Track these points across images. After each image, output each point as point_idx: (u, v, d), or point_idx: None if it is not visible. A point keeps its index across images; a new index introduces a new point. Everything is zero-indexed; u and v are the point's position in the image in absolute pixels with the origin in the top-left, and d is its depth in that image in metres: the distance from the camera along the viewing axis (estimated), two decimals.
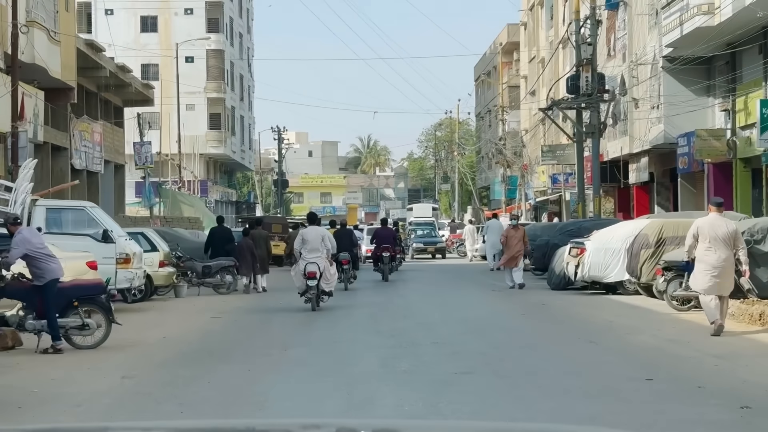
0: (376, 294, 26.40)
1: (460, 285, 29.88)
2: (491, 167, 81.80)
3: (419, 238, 50.31)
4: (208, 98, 74.65)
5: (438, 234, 52.41)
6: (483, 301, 23.58)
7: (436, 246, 49.53)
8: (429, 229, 52.51)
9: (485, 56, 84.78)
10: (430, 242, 49.77)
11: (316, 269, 20.11)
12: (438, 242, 50.20)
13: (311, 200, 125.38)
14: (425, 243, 49.53)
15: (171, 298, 25.43)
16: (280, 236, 44.18)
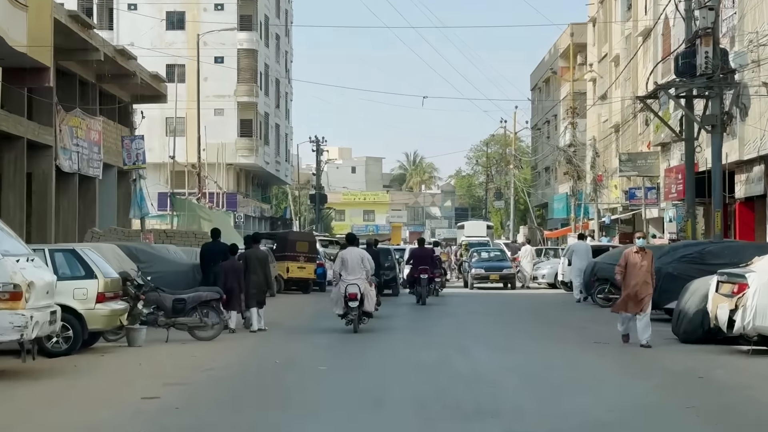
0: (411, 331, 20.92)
1: (535, 328, 21.27)
2: (549, 183, 72.94)
3: (480, 263, 39.54)
4: (239, 102, 66.52)
5: (507, 257, 40.98)
6: (588, 367, 14.81)
7: (503, 273, 38.74)
8: (493, 252, 41.70)
9: (543, 62, 76.02)
10: (495, 267, 38.95)
11: (357, 290, 19.59)
12: (505, 268, 39.15)
13: (353, 218, 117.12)
14: (487, 268, 38.93)
15: (123, 346, 16.96)
16: (307, 256, 35.71)
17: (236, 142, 66.36)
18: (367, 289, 19.90)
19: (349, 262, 19.88)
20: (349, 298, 19.54)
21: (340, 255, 20.62)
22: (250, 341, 18.47)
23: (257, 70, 67.33)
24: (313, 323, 22.75)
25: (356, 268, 19.81)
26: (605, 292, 27.91)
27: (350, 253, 20.25)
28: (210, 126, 65.10)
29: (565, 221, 67.90)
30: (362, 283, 19.73)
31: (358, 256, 20.09)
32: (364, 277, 19.87)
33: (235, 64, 66.35)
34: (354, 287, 19.53)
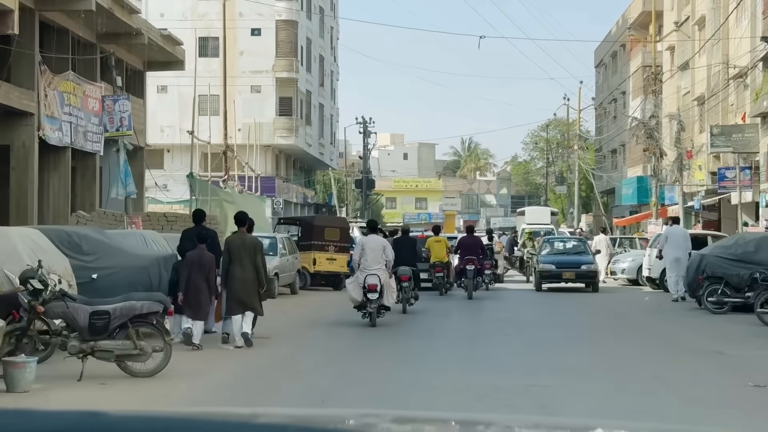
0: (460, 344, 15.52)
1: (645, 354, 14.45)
2: (616, 166, 65.69)
3: (552, 256, 30.12)
4: (277, 78, 60.08)
5: (588, 249, 30.80)
6: None
7: (582, 270, 29.29)
8: (570, 242, 31.94)
9: (609, 35, 68.71)
10: (571, 263, 29.51)
11: (377, 281, 17.94)
12: (585, 263, 29.59)
13: (405, 206, 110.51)
14: (561, 264, 29.50)
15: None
16: (338, 246, 29.19)
17: (274, 122, 59.95)
18: (387, 281, 18.30)
19: (369, 251, 18.30)
20: (369, 290, 17.98)
21: (359, 242, 19.42)
22: (220, 372, 11.98)
23: (297, 44, 60.84)
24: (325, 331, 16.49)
25: (377, 257, 18.20)
26: (718, 294, 21.10)
27: (371, 241, 18.76)
28: (246, 104, 58.96)
29: (634, 209, 60.74)
30: (383, 273, 18.15)
31: (379, 245, 18.49)
32: (384, 267, 18.24)
33: (273, 36, 59.92)
34: (374, 278, 17.97)
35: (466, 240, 27.72)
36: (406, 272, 21.37)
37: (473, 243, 27.43)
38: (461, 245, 27.41)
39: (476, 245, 27.35)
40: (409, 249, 22.76)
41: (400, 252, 21.17)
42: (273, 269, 25.19)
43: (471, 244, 27.33)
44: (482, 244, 28.18)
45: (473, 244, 27.32)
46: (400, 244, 22.11)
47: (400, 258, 20.94)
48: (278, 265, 25.44)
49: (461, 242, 27.75)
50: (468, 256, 26.60)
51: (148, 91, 61.91)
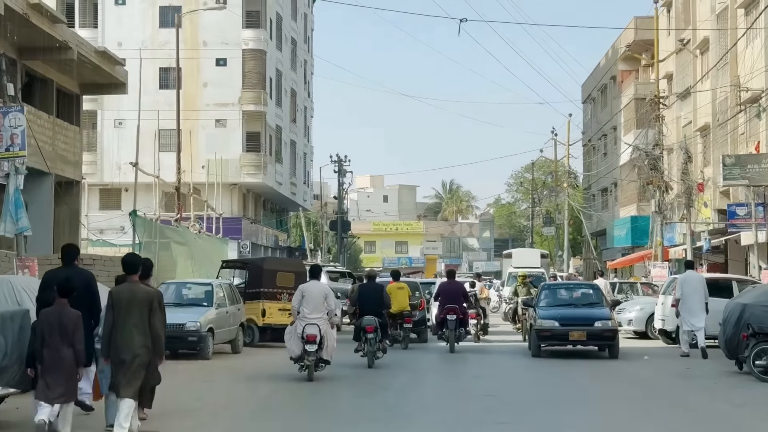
0: None
1: None
2: (607, 206, 60.98)
3: (553, 309, 22.42)
4: (244, 111, 55.25)
5: (602, 299, 23.06)
6: None
7: (595, 329, 21.55)
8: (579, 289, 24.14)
9: (598, 69, 64.34)
10: (580, 320, 21.86)
11: (316, 332, 16.45)
12: (600, 319, 21.68)
13: (384, 250, 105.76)
14: (566, 320, 21.79)
15: None
16: (292, 293, 24.15)
17: (241, 158, 55.04)
18: (329, 332, 16.86)
19: (310, 298, 16.82)
20: (307, 340, 16.58)
21: (300, 289, 17.24)
22: None
23: (266, 75, 56.08)
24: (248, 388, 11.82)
25: (318, 305, 16.78)
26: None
27: (312, 287, 17.09)
28: (210, 139, 54.09)
29: (626, 251, 55.98)
30: (323, 323, 16.76)
31: (320, 292, 16.98)
32: (325, 316, 16.84)
33: (239, 67, 55.18)
34: (313, 327, 16.61)
35: (446, 286, 24.49)
36: (371, 322, 19.26)
37: (454, 289, 24.26)
38: (441, 292, 24.36)
39: (458, 292, 24.18)
40: (375, 296, 20.27)
41: (365, 300, 19.89)
42: (207, 323, 20.17)
43: (452, 290, 24.19)
44: (464, 290, 24.87)
45: (455, 291, 24.15)
46: (364, 292, 20.30)
47: (366, 306, 19.71)
48: (213, 318, 20.47)
49: (441, 288, 24.62)
50: (449, 303, 23.56)
51: (104, 126, 57.63)
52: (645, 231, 50.53)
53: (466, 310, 24.28)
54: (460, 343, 23.93)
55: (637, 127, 52.84)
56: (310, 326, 16.50)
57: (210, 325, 20.07)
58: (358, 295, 20.29)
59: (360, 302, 19.93)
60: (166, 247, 33.10)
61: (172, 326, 19.23)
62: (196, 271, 32.29)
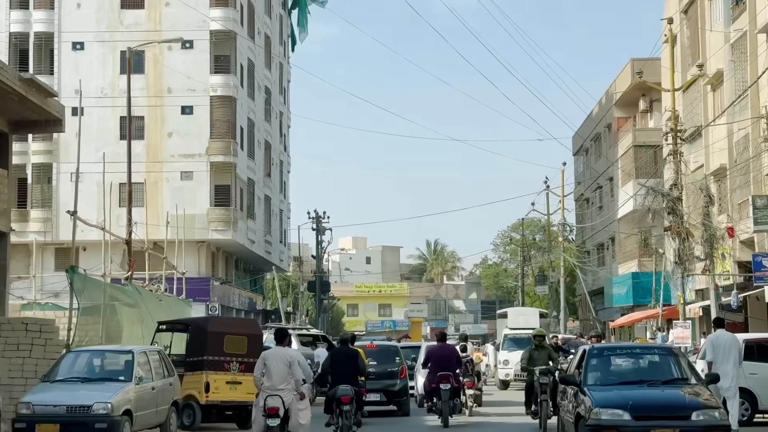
0: None
1: None
2: (603, 263, 56.36)
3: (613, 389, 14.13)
4: (212, 163, 50.60)
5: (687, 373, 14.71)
6: None
7: (692, 426, 13.20)
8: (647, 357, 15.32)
9: (590, 118, 60.17)
10: (665, 409, 13.51)
11: (279, 404, 14.76)
12: (696, 408, 13.35)
13: (368, 313, 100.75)
14: (643, 411, 13.43)
15: None
16: (244, 361, 19.33)
17: (208, 213, 50.31)
18: (294, 404, 14.97)
19: (273, 367, 14.89)
20: (268, 414, 14.66)
21: (262, 356, 15.38)
22: None
23: (236, 124, 51.57)
24: None
25: (282, 374, 14.88)
26: None
27: (274, 354, 15.18)
28: (175, 193, 49.34)
29: (625, 310, 51.31)
30: (287, 395, 14.90)
31: (284, 359, 15.00)
32: (291, 387, 14.97)
33: (207, 115, 50.68)
34: (275, 399, 14.72)
35: (437, 351, 21.48)
36: (347, 392, 17.07)
37: (446, 354, 21.39)
38: (432, 357, 21.40)
39: (451, 357, 21.39)
40: (349, 363, 17.68)
41: (339, 367, 17.45)
42: (122, 404, 15.29)
43: (444, 355, 21.31)
44: (458, 355, 21.96)
45: (447, 356, 21.30)
46: (337, 358, 17.78)
47: (339, 375, 17.34)
48: (132, 397, 15.58)
49: (431, 353, 21.60)
50: (441, 370, 20.76)
51: (61, 181, 52.93)
52: (647, 288, 45.95)
53: (460, 378, 21.57)
54: (453, 416, 21.00)
55: (637, 177, 48.53)
56: (272, 398, 14.78)
57: (127, 406, 15.22)
58: (330, 361, 17.76)
59: (333, 369, 17.44)
60: (112, 310, 28.24)
61: (73, 409, 14.41)
62: (147, 337, 27.40)
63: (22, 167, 51.08)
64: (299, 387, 15.10)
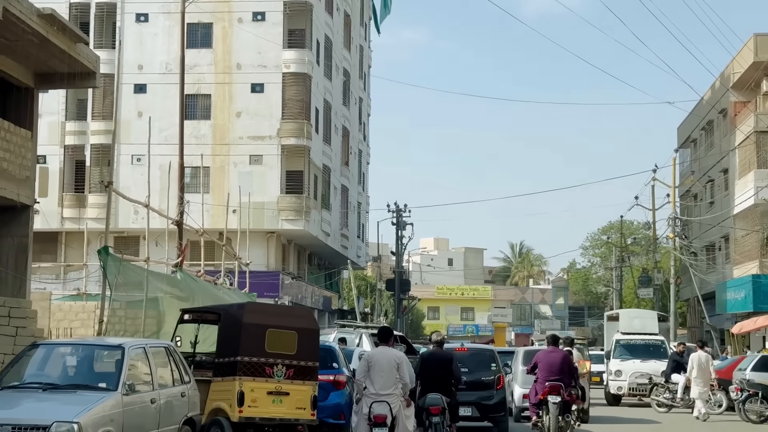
0: None
1: None
2: (713, 265, 49.96)
3: None
4: (284, 146, 45.70)
5: None
6: None
7: None
8: None
9: (700, 105, 53.89)
10: None
11: (386, 411, 13.55)
12: None
13: (449, 316, 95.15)
14: None
15: None
16: (295, 365, 14.07)
17: (278, 201, 45.39)
18: (402, 410, 13.74)
19: (377, 370, 13.67)
20: (375, 423, 13.39)
21: (364, 358, 14.10)
22: None
23: (311, 104, 46.60)
24: None
25: (389, 378, 13.64)
26: None
27: (381, 355, 13.99)
28: (244, 178, 44.47)
29: (740, 317, 45.02)
30: (395, 401, 13.59)
31: (392, 361, 13.83)
32: (398, 392, 13.64)
33: (279, 94, 45.78)
34: (382, 406, 13.50)
35: (545, 356, 18.16)
36: (437, 402, 14.83)
37: (557, 361, 17.93)
38: (540, 363, 18.11)
39: (562, 364, 17.94)
40: (442, 368, 15.48)
41: (429, 373, 15.22)
42: (97, 423, 10.13)
43: (552, 362, 17.92)
44: (571, 362, 18.49)
45: (557, 363, 17.88)
46: (428, 362, 15.49)
47: (430, 381, 15.10)
48: (116, 414, 10.38)
49: (540, 358, 18.25)
50: (551, 379, 17.60)
51: (121, 163, 48.63)
52: None
53: (575, 390, 18.31)
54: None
55: (759, 167, 42.36)
56: (379, 405, 13.68)
57: (106, 427, 10.08)
58: (420, 365, 15.42)
59: (423, 375, 15.16)
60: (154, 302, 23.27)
61: (22, 430, 9.34)
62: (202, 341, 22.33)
63: (80, 148, 46.89)
64: (407, 391, 13.89)
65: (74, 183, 47.01)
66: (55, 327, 25.66)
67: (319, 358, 14.84)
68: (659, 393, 26.86)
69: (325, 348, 16.62)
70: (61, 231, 45.78)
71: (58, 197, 45.74)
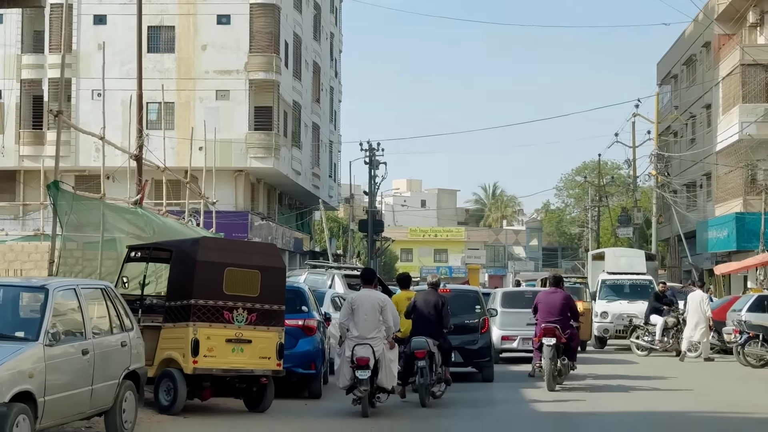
0: None
1: None
2: (695, 204, 48.46)
3: None
4: (252, 81, 43.50)
5: None
6: None
7: None
8: None
9: (682, 39, 52.05)
10: None
11: (369, 354, 13.13)
12: None
13: (422, 258, 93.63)
14: None
15: None
16: (259, 308, 12.27)
17: (247, 138, 43.31)
18: (386, 353, 13.44)
19: (361, 312, 13.32)
20: (358, 365, 13.02)
21: (348, 301, 13.80)
22: None
23: (279, 37, 44.32)
24: None
25: (372, 320, 13.32)
26: None
27: (364, 298, 13.56)
28: (210, 114, 42.19)
29: (722, 257, 43.73)
30: (378, 344, 13.28)
31: (375, 304, 13.44)
32: (382, 335, 13.36)
33: (246, 26, 43.47)
34: (365, 349, 13.11)
35: (545, 298, 17.37)
36: (422, 345, 14.23)
37: (555, 302, 17.02)
38: (540, 305, 17.26)
39: (563, 306, 16.97)
40: (433, 311, 14.72)
41: (422, 316, 14.62)
42: (13, 381, 8.24)
43: (551, 303, 17.05)
44: (572, 304, 17.40)
45: (554, 304, 16.99)
46: (421, 305, 14.71)
47: (422, 324, 14.56)
48: (37, 369, 8.55)
49: (540, 300, 17.42)
50: (548, 321, 16.73)
51: (81, 99, 46.37)
52: (755, 231, 38.58)
53: (575, 332, 17.37)
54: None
55: (744, 101, 40.70)
56: (362, 347, 13.08)
57: (23, 385, 8.24)
58: (413, 307, 14.80)
59: (415, 318, 14.70)
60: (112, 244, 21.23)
61: None
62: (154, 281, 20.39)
63: (37, 83, 44.44)
64: (390, 334, 13.57)
65: (32, 119, 44.67)
66: (5, 269, 23.75)
67: (285, 300, 13.07)
68: (639, 335, 25.40)
69: (292, 289, 14.85)
70: (19, 169, 43.56)
71: (15, 134, 43.44)
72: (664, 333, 24.71)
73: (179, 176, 31.40)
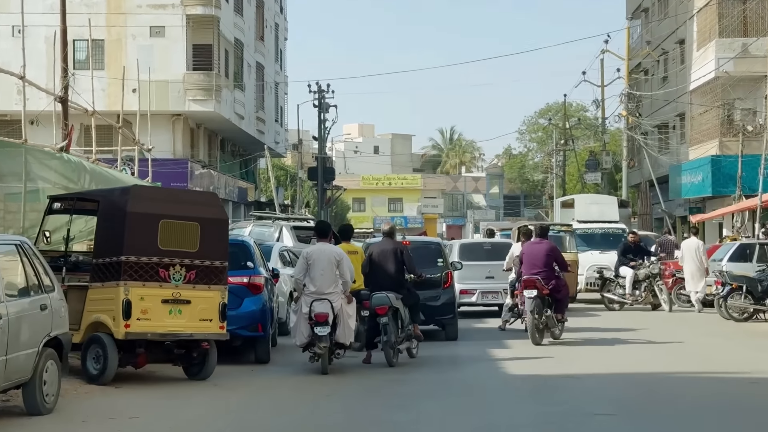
0: None
1: None
2: (667, 147, 48.29)
3: None
4: (189, 16, 42.41)
5: None
6: None
7: None
8: None
9: None
10: None
11: (327, 310, 13.36)
12: None
13: (376, 208, 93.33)
14: None
15: None
16: (198, 265, 11.66)
17: (184, 78, 42.31)
18: (344, 308, 13.65)
19: (318, 267, 13.52)
20: (317, 321, 13.28)
21: (303, 255, 13.87)
22: None
23: None
24: None
25: (329, 275, 13.54)
26: None
27: (320, 252, 13.73)
28: (144, 53, 41.09)
29: (697, 203, 43.78)
30: (336, 299, 13.52)
31: (331, 258, 13.61)
32: (339, 290, 13.59)
33: None
34: (324, 305, 13.37)
35: (529, 249, 17.54)
36: (382, 301, 14.14)
37: (538, 253, 17.22)
38: (525, 256, 17.45)
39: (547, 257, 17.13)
40: (392, 261, 14.55)
41: (379, 268, 14.53)
42: None
43: (535, 254, 17.23)
44: (558, 254, 17.61)
45: (541, 255, 17.15)
46: (377, 256, 14.66)
47: (379, 278, 14.49)
48: None
49: (526, 251, 17.63)
50: (533, 272, 16.94)
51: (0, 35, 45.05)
52: (731, 175, 38.45)
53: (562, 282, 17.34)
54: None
55: (721, 35, 40.40)
56: (320, 303, 13.27)
57: None
58: (368, 260, 14.83)
59: (371, 271, 14.66)
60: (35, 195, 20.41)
61: None
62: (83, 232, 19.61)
63: None
64: (347, 289, 13.69)
65: None
66: None
67: (228, 255, 12.45)
68: (610, 289, 25.15)
69: (236, 243, 14.24)
70: None
71: None
72: (635, 286, 24.49)
73: (111, 121, 30.35)
